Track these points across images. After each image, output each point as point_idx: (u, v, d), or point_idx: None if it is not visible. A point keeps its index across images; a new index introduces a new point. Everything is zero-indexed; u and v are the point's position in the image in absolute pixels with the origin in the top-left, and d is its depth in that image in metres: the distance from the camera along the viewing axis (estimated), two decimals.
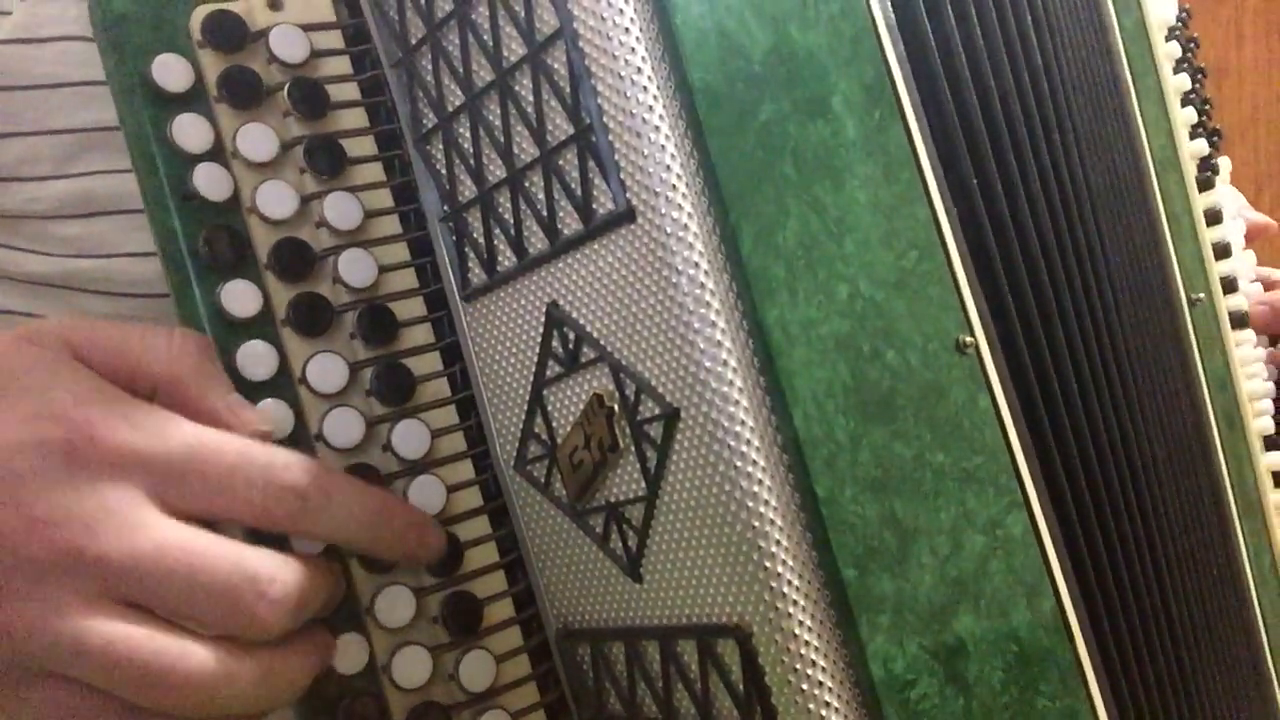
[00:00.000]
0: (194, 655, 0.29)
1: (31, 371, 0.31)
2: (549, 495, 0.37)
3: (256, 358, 0.35)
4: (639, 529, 0.33)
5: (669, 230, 0.30)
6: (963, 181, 0.37)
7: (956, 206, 0.36)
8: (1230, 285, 0.51)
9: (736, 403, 0.30)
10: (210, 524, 0.31)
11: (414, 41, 0.37)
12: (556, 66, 0.32)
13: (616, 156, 0.31)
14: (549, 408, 0.36)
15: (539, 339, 0.35)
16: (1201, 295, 0.48)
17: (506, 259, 0.36)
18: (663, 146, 0.30)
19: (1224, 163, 0.53)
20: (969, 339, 0.35)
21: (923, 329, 0.34)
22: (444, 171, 0.37)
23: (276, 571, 0.30)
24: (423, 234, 0.39)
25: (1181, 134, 0.49)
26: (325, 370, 0.36)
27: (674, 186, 0.30)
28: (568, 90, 0.32)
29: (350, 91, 0.39)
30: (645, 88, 0.30)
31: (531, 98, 0.33)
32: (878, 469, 0.31)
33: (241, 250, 0.36)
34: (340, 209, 0.37)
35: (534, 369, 0.36)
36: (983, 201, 0.37)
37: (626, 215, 0.31)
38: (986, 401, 0.35)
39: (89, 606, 0.29)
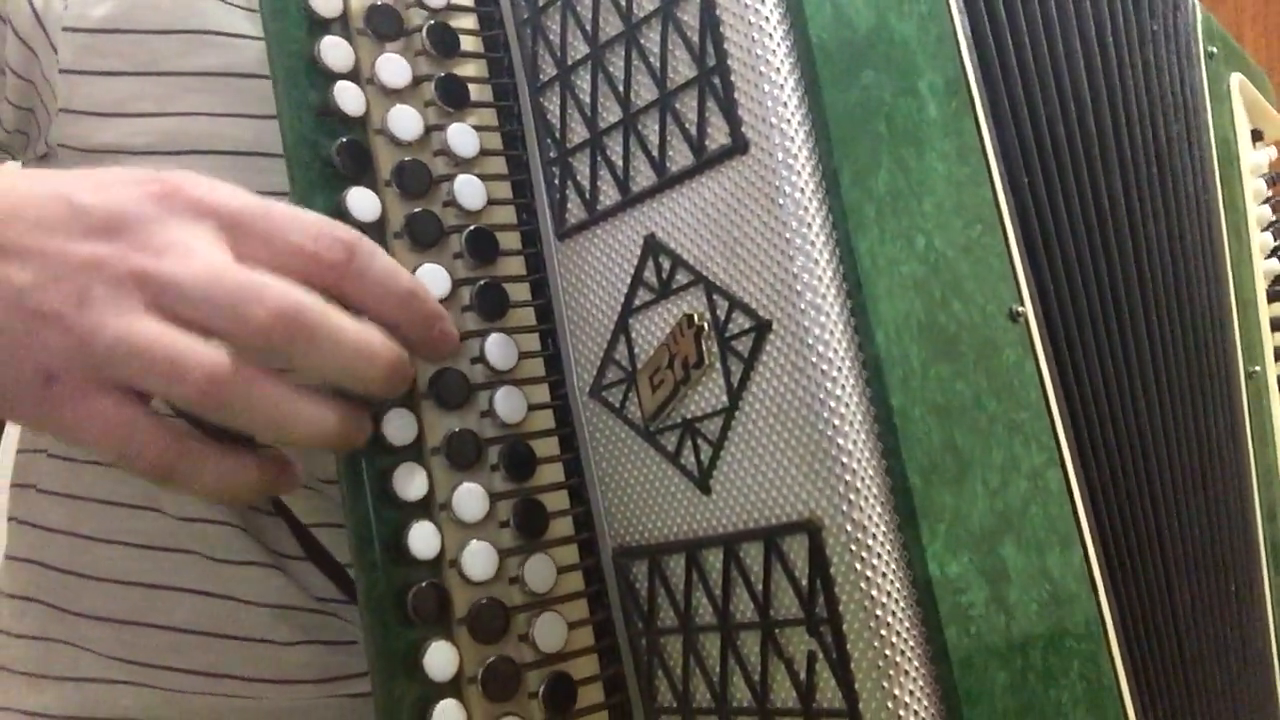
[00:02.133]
0: (216, 354, 0.32)
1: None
2: (622, 417, 0.39)
3: None
4: (714, 441, 0.36)
5: (780, 159, 0.34)
6: (1016, 180, 0.41)
7: (1014, 200, 0.40)
8: None
9: (828, 314, 0.33)
10: None
11: (542, 3, 0.41)
12: (687, 19, 0.36)
13: (737, 95, 0.35)
14: (633, 334, 0.39)
15: (632, 269, 0.39)
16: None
17: (608, 197, 0.39)
18: (781, 87, 0.34)
19: None
20: (1021, 309, 0.38)
21: (983, 291, 0.37)
22: (555, 120, 0.41)
23: (278, 285, 0.33)
24: (523, 178, 0.42)
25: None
26: (431, 278, 0.39)
27: (789, 121, 0.34)
28: (696, 39, 0.36)
29: (474, 44, 0.43)
30: (771, 36, 0.34)
31: (656, 48, 0.37)
32: (943, 397, 0.35)
33: (366, 165, 0.40)
34: (461, 138, 0.41)
35: (622, 298, 0.39)
36: (1033, 204, 0.41)
37: (740, 148, 0.35)
38: (1032, 367, 0.38)
39: (145, 312, 0.32)
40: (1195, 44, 0.52)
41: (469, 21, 0.43)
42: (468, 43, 0.43)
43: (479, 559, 0.38)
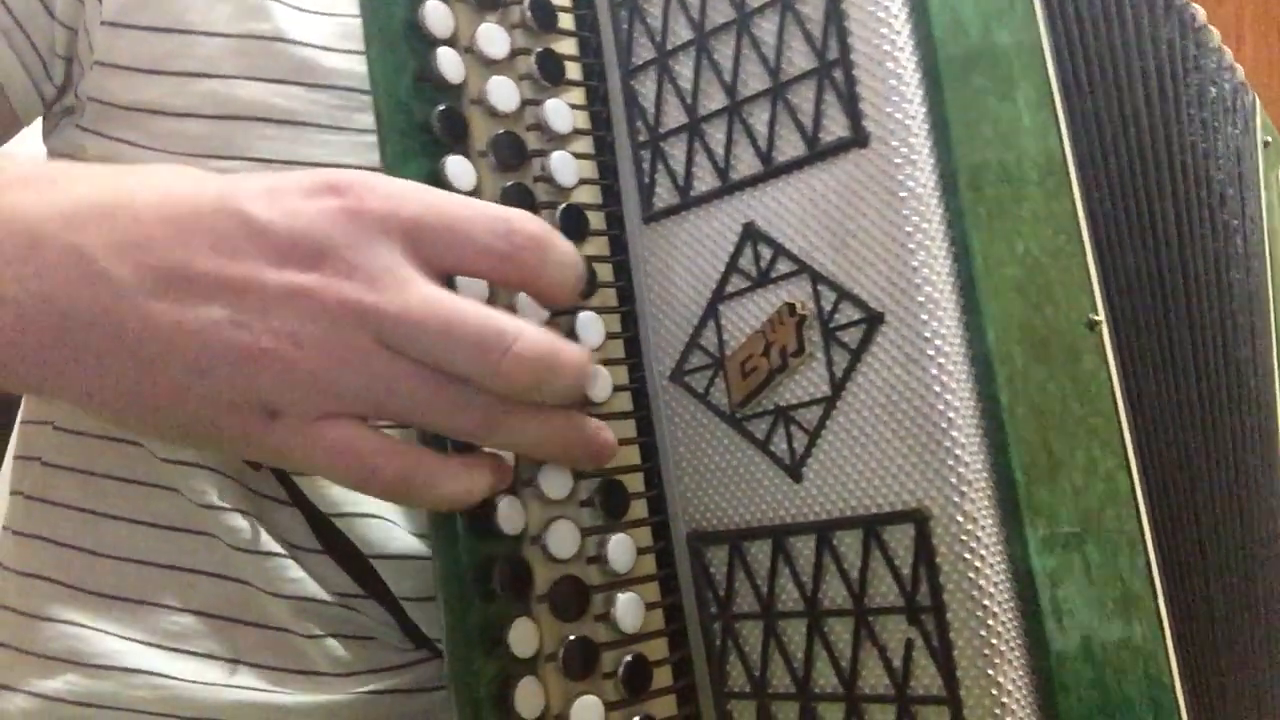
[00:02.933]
0: (492, 403, 0.33)
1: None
2: (706, 403, 0.40)
3: None
4: (811, 430, 0.37)
5: (903, 154, 0.34)
6: (1089, 194, 0.42)
7: (1088, 213, 0.42)
8: None
9: (945, 309, 0.34)
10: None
11: None
12: (807, 11, 0.37)
13: (860, 89, 0.35)
14: (723, 320, 0.39)
15: (726, 255, 0.39)
16: None
17: (704, 183, 0.40)
18: (906, 83, 0.35)
19: None
20: (1097, 318, 0.40)
21: (1068, 298, 0.39)
22: (648, 103, 0.41)
23: (522, 331, 0.33)
24: (606, 159, 0.42)
25: None
26: None
27: (913, 118, 0.34)
28: (817, 31, 0.36)
29: (567, 22, 0.43)
30: (899, 32, 0.35)
31: (771, 38, 0.38)
32: (1039, 398, 0.36)
33: (462, 135, 0.39)
34: (557, 114, 0.41)
35: (714, 284, 0.39)
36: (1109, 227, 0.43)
37: (858, 141, 0.35)
38: (1105, 375, 0.40)
39: (380, 348, 0.32)
40: (1254, 127, 0.54)
41: None
42: (562, 20, 0.43)
43: (563, 536, 0.38)
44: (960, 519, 0.33)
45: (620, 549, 0.39)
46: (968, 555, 0.33)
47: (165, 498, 0.47)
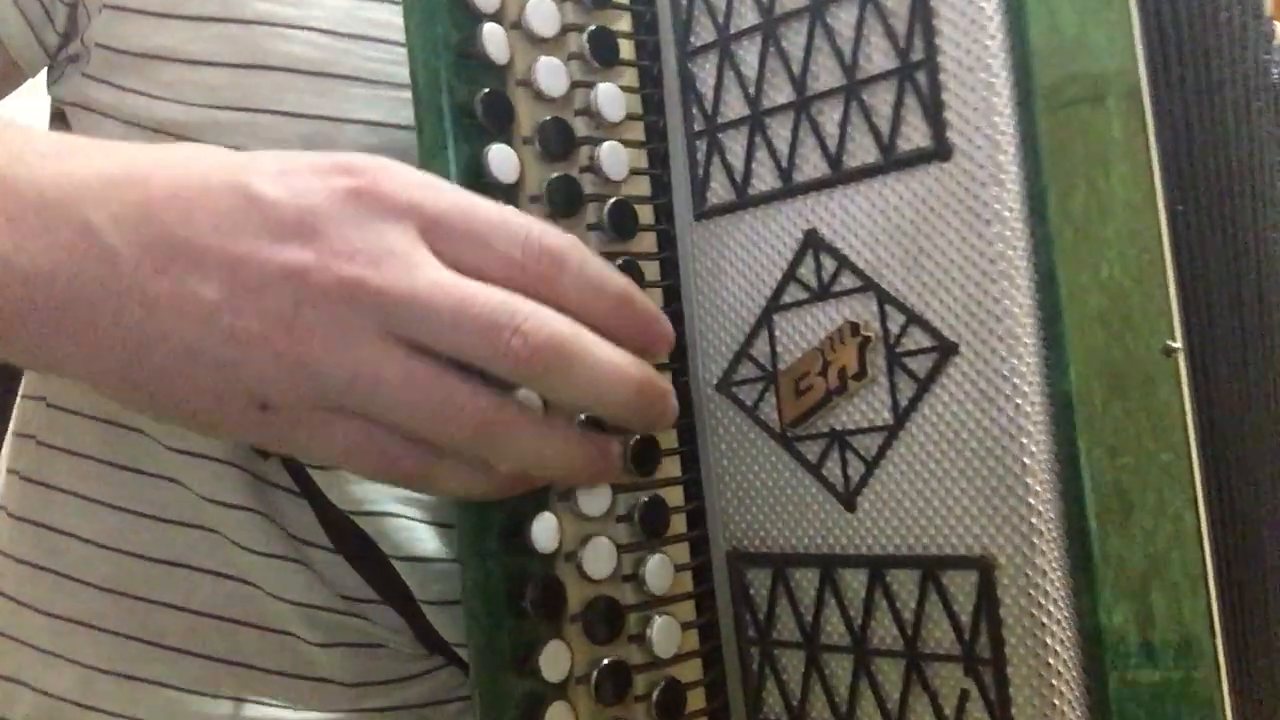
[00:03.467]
0: (485, 392, 0.30)
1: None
2: (754, 417, 0.37)
3: None
4: (869, 458, 0.34)
5: (990, 173, 0.32)
6: (1172, 207, 0.40)
7: (1171, 228, 0.39)
8: None
9: (1025, 345, 0.31)
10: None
11: None
12: (891, 4, 0.33)
13: (945, 96, 0.32)
14: (776, 331, 0.37)
15: (785, 264, 0.36)
16: None
17: (763, 181, 0.37)
18: (1000, 94, 0.32)
19: None
20: (1175, 345, 0.37)
21: (1148, 324, 0.36)
22: (706, 90, 0.38)
23: (536, 311, 0.31)
24: (658, 147, 0.40)
25: None
26: None
27: (1003, 132, 0.32)
28: (901, 28, 0.33)
29: None
30: (993, 35, 0.32)
31: (848, 30, 0.34)
32: (1114, 437, 0.33)
33: (507, 118, 0.36)
34: (609, 100, 0.38)
35: (769, 292, 0.37)
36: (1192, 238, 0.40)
37: (941, 153, 0.32)
38: (1178, 406, 0.37)
39: (378, 338, 0.30)
40: None
41: None
42: None
43: (600, 556, 0.36)
44: (1030, 572, 0.31)
45: (658, 570, 0.37)
46: (1035, 610, 0.31)
47: (164, 488, 0.45)
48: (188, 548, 0.45)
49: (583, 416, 0.35)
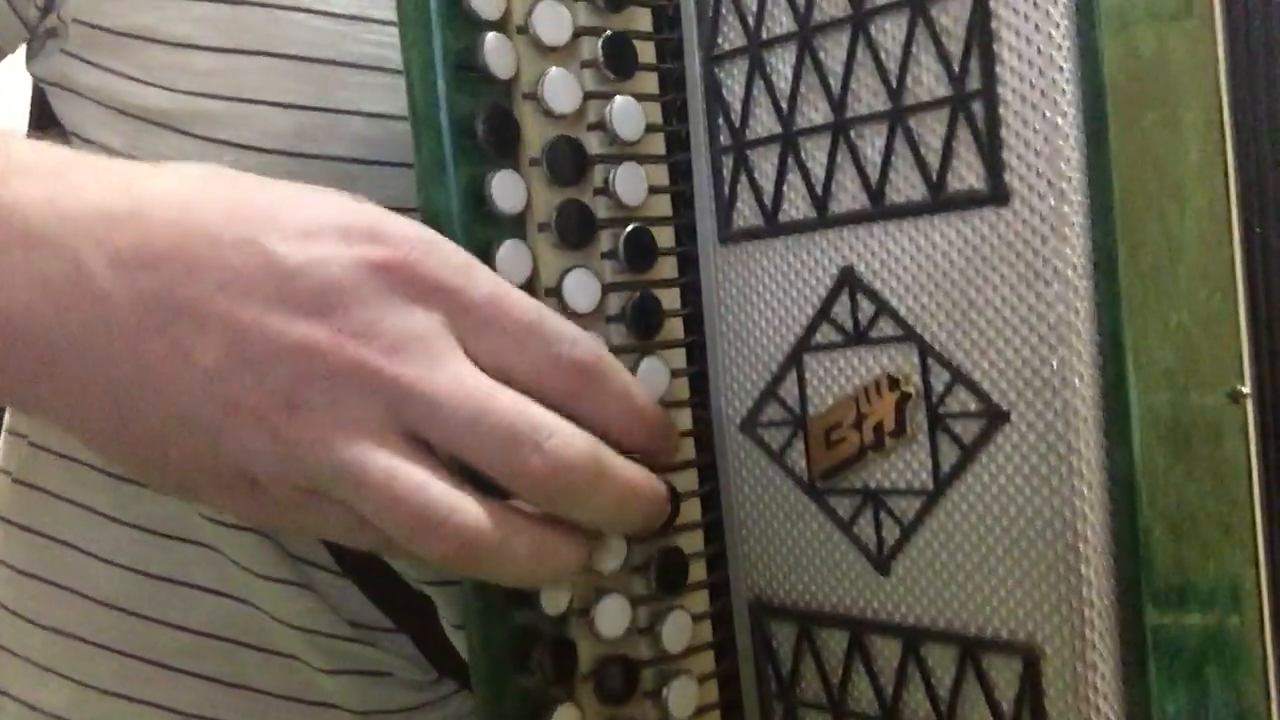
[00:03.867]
0: (470, 510, 0.28)
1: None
2: (781, 464, 0.35)
3: (513, 263, 0.32)
4: (906, 523, 0.32)
5: (1053, 225, 0.28)
6: (1249, 234, 0.36)
7: (1246, 260, 0.35)
8: None
9: (1086, 419, 0.28)
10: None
11: None
12: (946, 22, 0.29)
13: (1005, 133, 0.29)
14: (806, 373, 0.34)
15: (818, 301, 0.33)
16: None
17: (796, 208, 0.33)
18: (1067, 134, 0.28)
19: None
20: (1245, 389, 0.34)
21: (1215, 371, 0.33)
22: (733, 100, 0.35)
23: (559, 428, 0.28)
24: (681, 159, 0.36)
25: None
26: (581, 288, 0.33)
27: (1070, 179, 0.28)
28: (955, 49, 0.29)
29: None
30: (1062, 67, 0.28)
31: (896, 48, 0.31)
32: (1177, 508, 0.30)
33: (512, 138, 0.33)
34: (627, 117, 0.34)
35: (800, 331, 0.34)
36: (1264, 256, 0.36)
37: (997, 197, 0.29)
38: (1243, 457, 0.34)
39: (377, 433, 0.27)
40: None
41: None
42: None
43: (613, 614, 0.34)
44: (1079, 667, 0.28)
45: (676, 627, 0.35)
46: (1083, 706, 0.29)
47: (161, 501, 0.43)
48: (187, 564, 0.43)
49: None
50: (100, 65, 0.43)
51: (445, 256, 0.29)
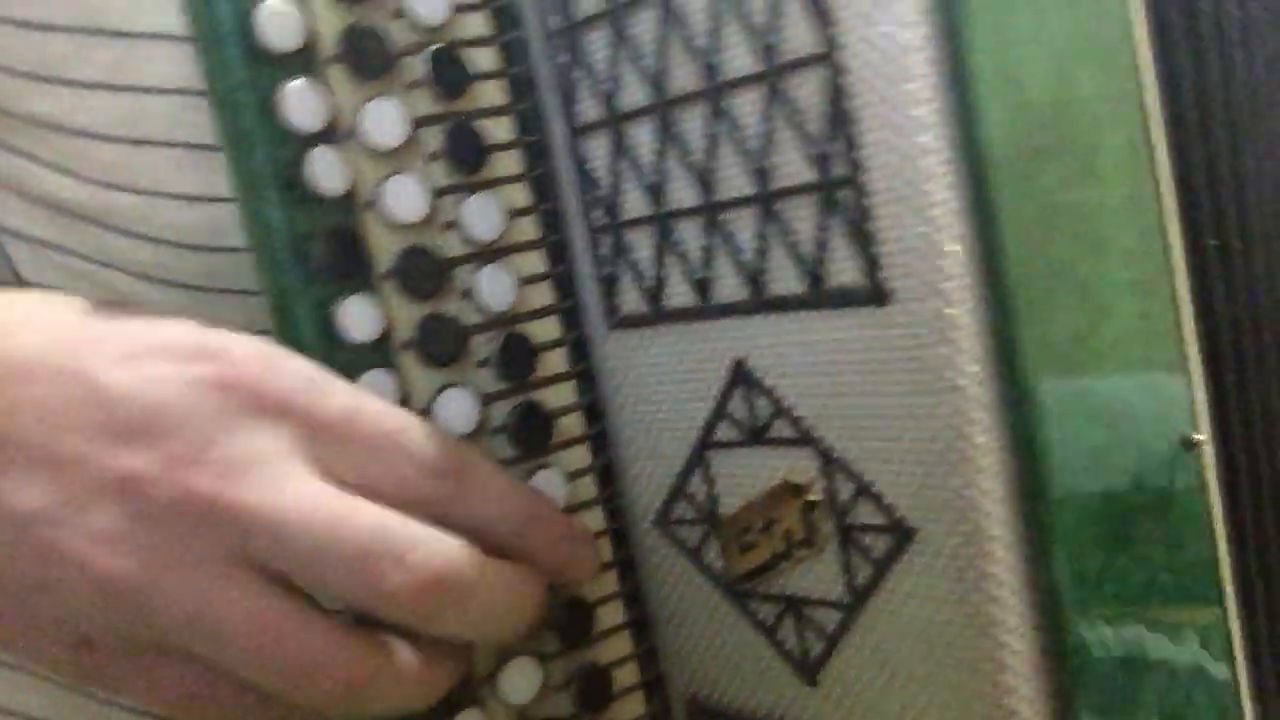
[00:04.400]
0: (344, 649, 0.26)
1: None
2: (699, 563, 0.32)
3: (377, 391, 0.30)
4: (828, 634, 0.29)
5: (939, 328, 0.25)
6: (1197, 263, 0.32)
7: (1197, 292, 0.31)
8: None
9: (997, 539, 0.25)
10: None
11: (583, 14, 0.30)
12: (802, 96, 0.26)
13: (875, 224, 0.25)
14: (713, 472, 0.31)
15: (715, 396, 0.30)
16: None
17: (680, 295, 0.30)
18: (945, 226, 0.24)
19: None
20: (1199, 436, 0.31)
21: (1159, 428, 0.29)
22: (602, 177, 0.31)
23: (422, 543, 0.26)
24: (561, 238, 0.33)
25: None
26: (454, 408, 0.30)
27: (952, 277, 0.24)
28: (815, 130, 0.26)
29: (489, 59, 0.32)
30: (932, 149, 0.24)
31: (755, 124, 0.27)
32: (1119, 604, 0.28)
33: (357, 257, 0.30)
34: (481, 214, 0.31)
35: (701, 426, 0.31)
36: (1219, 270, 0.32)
37: (877, 296, 0.25)
38: (1202, 509, 0.31)
39: (224, 570, 0.25)
40: None
41: (479, 22, 0.32)
42: (481, 57, 0.32)
43: None
44: None
45: None
46: None
47: None
48: None
49: None
50: (12, 148, 0.41)
51: (292, 370, 0.27)
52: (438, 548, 0.26)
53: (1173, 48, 0.30)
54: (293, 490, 0.26)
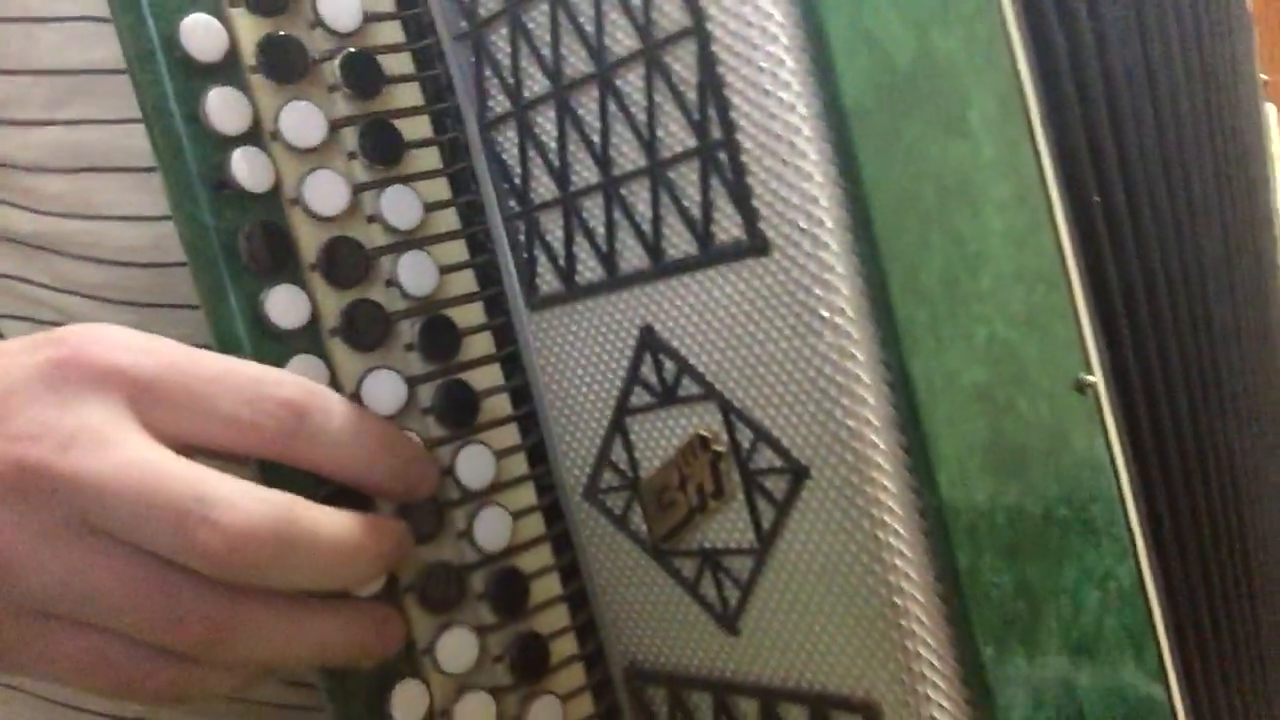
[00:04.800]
0: (202, 600, 0.27)
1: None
2: (625, 529, 0.33)
3: (307, 375, 0.31)
4: (742, 582, 0.30)
5: (813, 271, 0.26)
6: (1079, 214, 0.34)
7: (1079, 231, 0.33)
8: None
9: (880, 467, 0.27)
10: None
11: (485, 14, 0.32)
12: (679, 69, 0.28)
13: (750, 180, 0.27)
14: (632, 437, 0.32)
15: (626, 363, 0.32)
16: None
17: (590, 271, 0.32)
18: (810, 174, 0.26)
19: None
20: (1090, 378, 0.32)
21: (1049, 371, 0.31)
22: (513, 165, 0.33)
23: (238, 499, 0.26)
24: (482, 228, 0.35)
25: None
26: (381, 389, 0.32)
27: (821, 222, 0.26)
28: (693, 98, 0.28)
29: (403, 64, 0.34)
30: (794, 105, 0.26)
31: (641, 99, 0.29)
32: (1011, 532, 0.29)
33: (284, 249, 0.32)
34: (400, 205, 0.33)
35: (617, 394, 0.32)
36: (1104, 225, 0.34)
37: (757, 248, 0.27)
38: (1102, 446, 0.33)
39: (82, 537, 0.26)
40: (1254, 71, 0.43)
41: (393, 32, 0.34)
42: (396, 61, 0.34)
43: (473, 712, 0.33)
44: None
45: (544, 715, 0.34)
46: None
47: None
48: None
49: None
50: None
51: (117, 340, 0.28)
52: (246, 504, 0.26)
53: (1040, 15, 0.32)
54: (113, 456, 0.26)
